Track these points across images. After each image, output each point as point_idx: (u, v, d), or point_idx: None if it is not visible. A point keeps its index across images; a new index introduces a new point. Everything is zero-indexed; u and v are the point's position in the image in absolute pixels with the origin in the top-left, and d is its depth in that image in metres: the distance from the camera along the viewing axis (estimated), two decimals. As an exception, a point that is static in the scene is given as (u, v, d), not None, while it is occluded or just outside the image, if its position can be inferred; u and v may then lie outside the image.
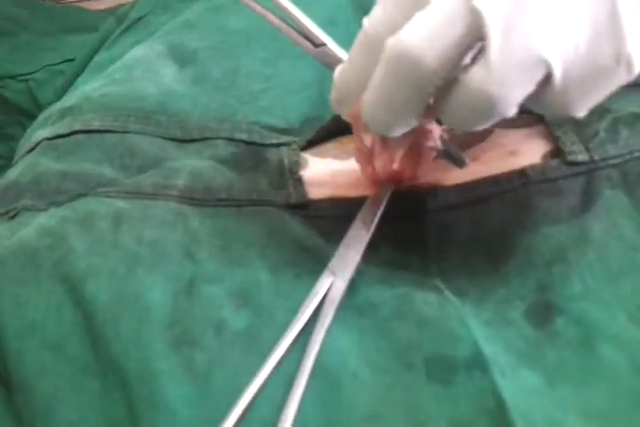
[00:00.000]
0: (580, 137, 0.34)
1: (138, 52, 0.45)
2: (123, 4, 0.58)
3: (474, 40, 0.24)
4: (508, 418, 0.26)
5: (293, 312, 0.29)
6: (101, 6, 0.66)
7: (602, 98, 0.25)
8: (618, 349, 0.28)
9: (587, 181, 0.33)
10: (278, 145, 0.38)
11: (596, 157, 0.33)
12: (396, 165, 0.33)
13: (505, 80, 0.23)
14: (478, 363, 0.27)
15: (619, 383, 0.27)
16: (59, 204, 0.34)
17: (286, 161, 0.37)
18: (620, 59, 0.23)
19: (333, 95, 0.30)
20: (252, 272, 0.31)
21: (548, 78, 0.24)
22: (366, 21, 0.27)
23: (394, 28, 0.25)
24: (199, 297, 0.29)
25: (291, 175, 0.36)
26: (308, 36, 0.35)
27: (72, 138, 0.39)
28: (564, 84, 0.24)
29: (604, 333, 0.28)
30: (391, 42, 0.24)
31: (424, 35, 0.24)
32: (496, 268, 0.31)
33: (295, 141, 0.38)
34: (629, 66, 0.24)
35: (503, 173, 0.34)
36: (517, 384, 0.27)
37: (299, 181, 0.35)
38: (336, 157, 0.37)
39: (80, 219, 0.32)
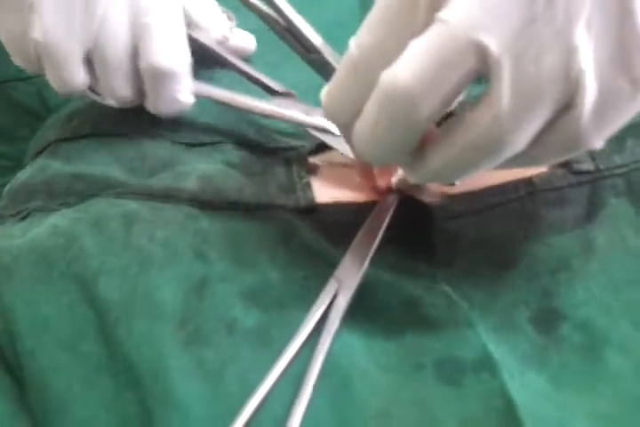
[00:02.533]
0: None
1: None
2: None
3: (475, 75, 0.23)
4: (517, 418, 0.26)
5: (304, 311, 0.29)
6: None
7: (620, 125, 0.24)
8: (622, 355, 0.28)
9: (592, 191, 0.33)
10: (287, 149, 0.38)
11: (602, 167, 0.34)
12: (395, 178, 0.34)
13: (519, 119, 0.22)
14: (487, 365, 0.28)
15: (624, 389, 0.27)
16: (69, 205, 0.35)
17: (295, 165, 0.37)
18: (637, 81, 0.22)
19: (324, 114, 0.28)
20: (263, 273, 0.31)
21: (562, 111, 0.23)
22: (353, 45, 0.25)
23: (384, 55, 0.24)
24: (210, 296, 0.30)
25: (299, 180, 0.36)
26: (303, 42, 0.36)
27: (82, 141, 0.39)
28: (582, 113, 0.22)
29: (608, 339, 0.29)
30: (385, 78, 0.23)
31: (422, 73, 0.22)
32: (501, 275, 0.32)
33: (304, 146, 0.38)
34: None
35: (509, 182, 0.34)
36: (525, 387, 0.27)
37: (307, 186, 0.36)
38: (345, 163, 0.38)
39: (92, 219, 0.33)
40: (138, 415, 0.27)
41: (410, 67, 0.22)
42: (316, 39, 0.36)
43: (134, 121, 0.40)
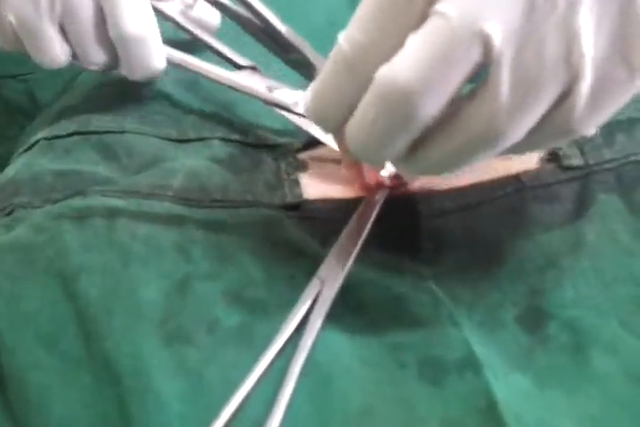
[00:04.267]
0: (576, 141, 0.34)
1: None
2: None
3: (477, 69, 0.22)
4: (500, 419, 0.26)
5: (287, 309, 0.29)
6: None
7: (613, 112, 0.23)
8: (610, 356, 0.28)
9: (582, 186, 0.33)
10: (275, 146, 0.38)
11: (592, 162, 0.33)
12: (384, 174, 0.33)
13: (519, 111, 0.22)
14: (471, 364, 0.28)
15: (611, 390, 0.27)
16: (54, 201, 0.34)
17: (283, 163, 0.37)
18: (635, 69, 0.22)
19: (309, 114, 0.27)
20: (247, 271, 0.31)
21: (559, 99, 0.22)
22: (343, 40, 0.24)
23: (380, 51, 0.23)
24: (192, 294, 0.29)
25: (287, 177, 0.36)
26: (280, 42, 0.36)
27: (70, 139, 0.39)
28: (578, 100, 0.22)
29: (596, 339, 0.28)
30: (383, 76, 0.22)
31: (423, 70, 0.21)
32: (489, 273, 0.31)
33: (292, 143, 0.38)
34: None
35: (497, 179, 0.34)
36: (509, 387, 0.27)
37: (295, 183, 0.35)
38: (334, 160, 0.37)
39: (75, 216, 0.32)
40: (117, 413, 0.26)
41: (410, 63, 0.21)
42: (294, 38, 0.35)
43: (122, 117, 0.39)
